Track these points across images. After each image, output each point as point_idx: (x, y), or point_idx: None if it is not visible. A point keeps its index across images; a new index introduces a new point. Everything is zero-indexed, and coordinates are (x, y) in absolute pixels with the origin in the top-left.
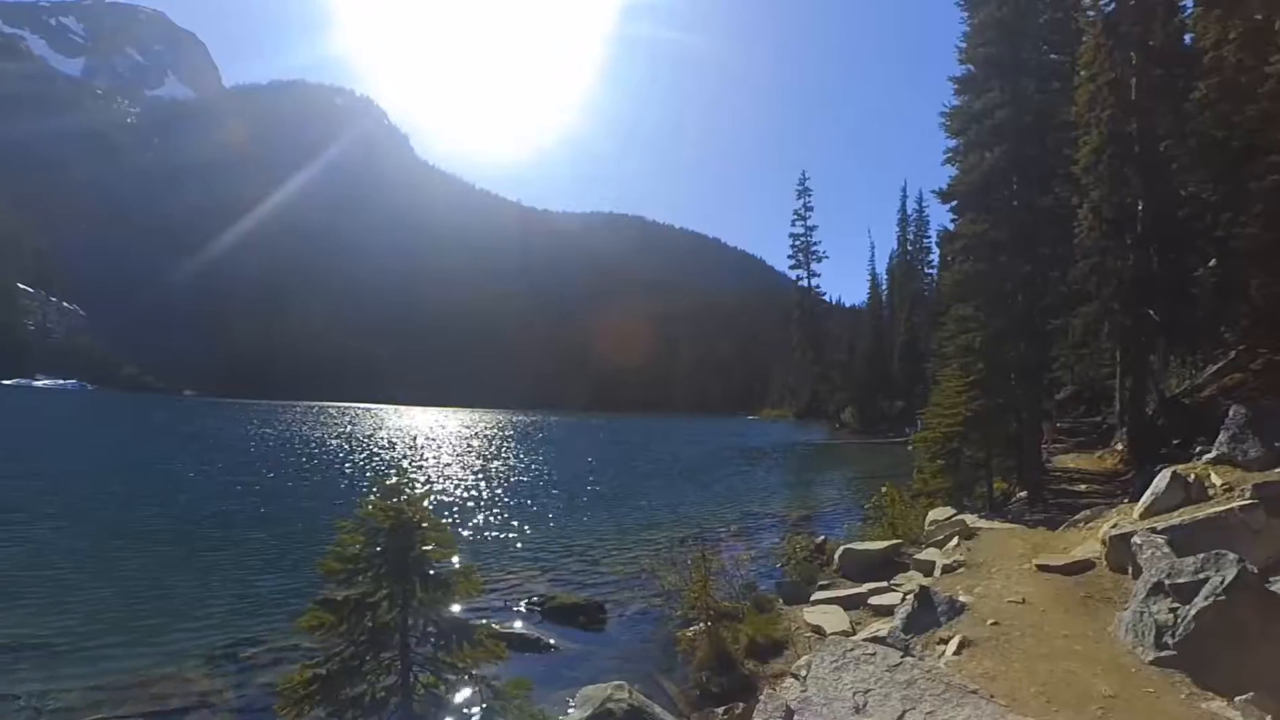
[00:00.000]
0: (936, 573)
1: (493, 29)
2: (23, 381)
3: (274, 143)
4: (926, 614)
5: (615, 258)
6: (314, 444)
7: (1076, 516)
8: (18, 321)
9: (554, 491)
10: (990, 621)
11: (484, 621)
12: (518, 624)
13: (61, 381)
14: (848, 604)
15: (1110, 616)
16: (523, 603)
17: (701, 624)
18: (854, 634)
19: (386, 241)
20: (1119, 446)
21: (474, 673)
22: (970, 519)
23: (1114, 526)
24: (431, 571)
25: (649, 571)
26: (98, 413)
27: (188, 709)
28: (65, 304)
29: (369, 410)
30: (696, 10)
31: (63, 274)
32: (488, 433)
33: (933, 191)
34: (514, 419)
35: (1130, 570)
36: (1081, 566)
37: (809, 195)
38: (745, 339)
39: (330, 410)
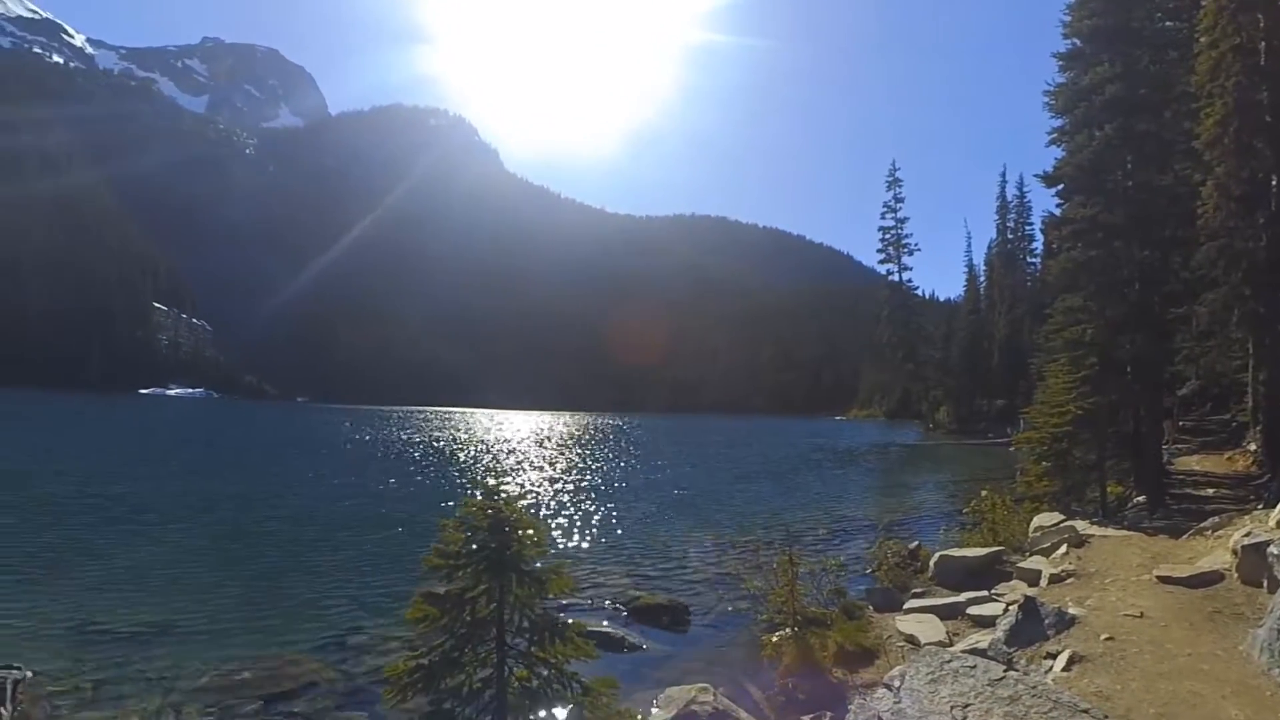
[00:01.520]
0: (1043, 582)
1: (572, 43)
2: (158, 390)
3: (375, 164)
4: (1032, 626)
5: (696, 259)
6: (414, 447)
7: (1203, 524)
8: (153, 337)
9: (637, 493)
10: (1104, 636)
11: (574, 620)
12: (603, 622)
13: (190, 390)
14: (944, 613)
15: (1242, 634)
16: (607, 602)
17: (788, 629)
18: (951, 645)
19: (476, 252)
20: (1252, 447)
21: (565, 668)
22: (1081, 525)
23: (1247, 535)
24: (526, 568)
25: (734, 574)
26: (222, 419)
27: (299, 691)
28: (194, 320)
29: (461, 414)
30: (769, 13)
31: (191, 293)
32: (572, 435)
33: (1036, 175)
34: (597, 421)
35: (1266, 583)
36: (1209, 578)
37: (899, 186)
38: (831, 337)
39: (426, 414)
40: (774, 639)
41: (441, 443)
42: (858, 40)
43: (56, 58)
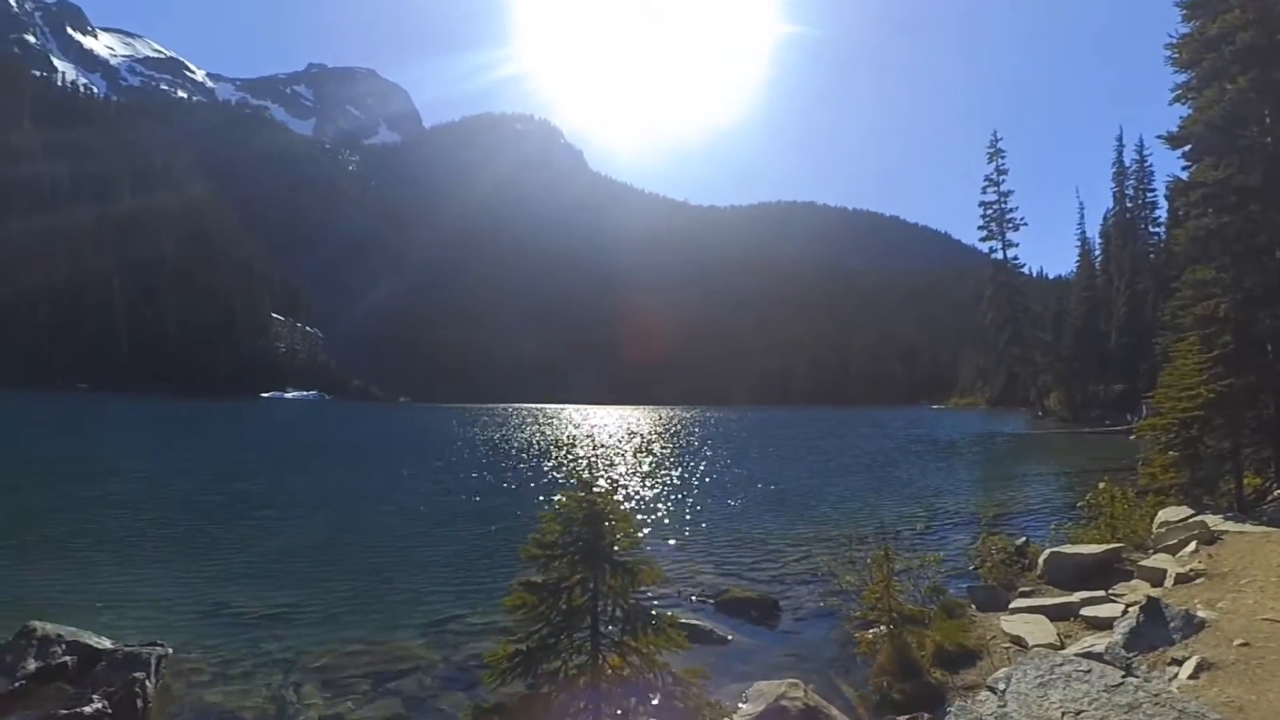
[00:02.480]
0: (1168, 582)
1: (651, 38)
2: (277, 394)
3: (467, 171)
4: (1155, 629)
5: (781, 247)
6: (509, 444)
7: None
8: (272, 345)
9: (725, 486)
10: (1238, 642)
11: (665, 611)
12: (690, 615)
13: (305, 393)
14: (1054, 614)
15: None
16: (695, 594)
17: (883, 626)
18: (1062, 648)
19: (563, 251)
20: None
21: (656, 658)
22: (1213, 520)
23: None
24: (619, 560)
25: (825, 569)
26: (333, 420)
27: (405, 672)
28: (307, 328)
29: (552, 410)
30: None
31: (305, 303)
32: (658, 429)
33: (1158, 136)
34: (682, 414)
35: None
36: None
37: (1002, 158)
38: (929, 321)
39: (520, 411)
40: (868, 636)
41: (535, 439)
42: (946, 3)
43: (181, 92)
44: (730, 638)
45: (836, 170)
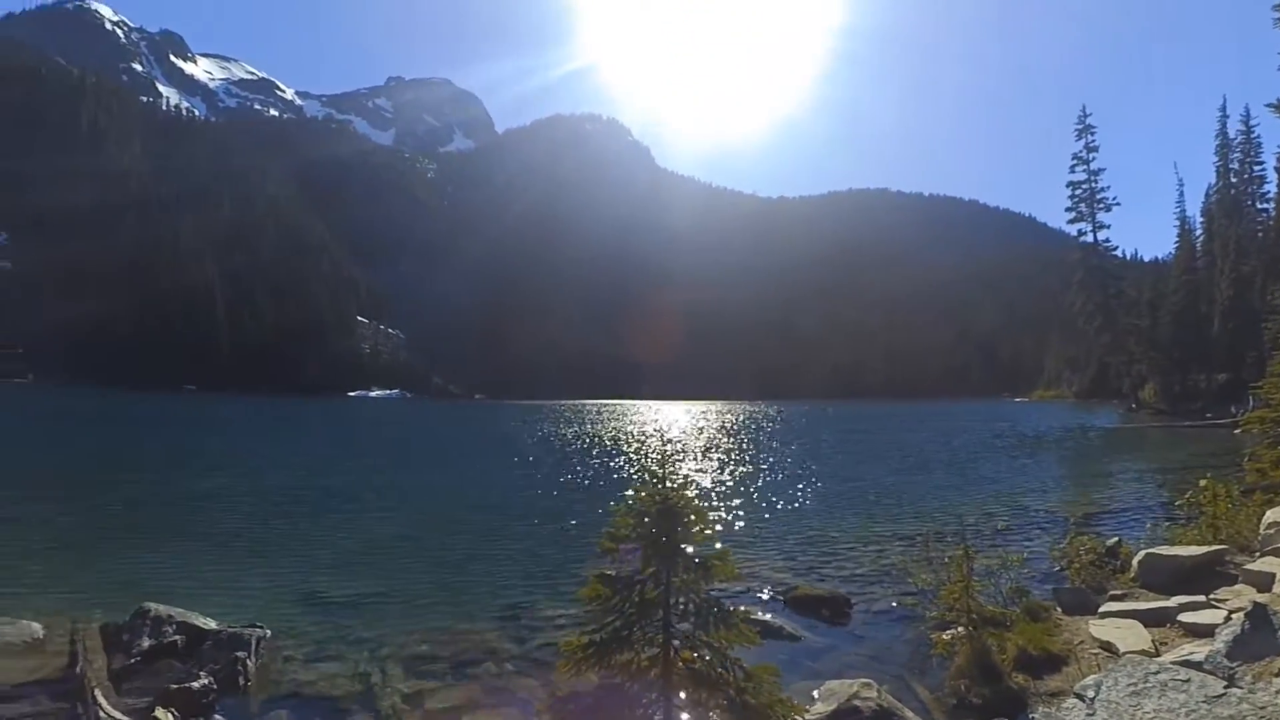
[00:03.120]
0: (1277, 588)
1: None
2: (362, 393)
3: (538, 173)
4: (1262, 638)
5: (852, 236)
6: (581, 440)
7: None
8: (357, 346)
9: (795, 481)
10: None
11: (738, 606)
12: (760, 611)
13: (388, 392)
14: (1149, 619)
15: None
16: (764, 590)
17: (961, 628)
18: (1157, 655)
19: (632, 248)
20: None
21: (727, 653)
22: None
23: None
24: (692, 554)
25: (900, 568)
26: (413, 417)
27: (481, 659)
28: (389, 330)
29: (623, 406)
30: None
31: (387, 305)
32: (728, 424)
33: (1267, 105)
34: (752, 409)
35: None
36: None
37: (1091, 134)
38: (1011, 310)
39: (590, 407)
40: (944, 638)
41: (605, 435)
42: None
43: (272, 111)
44: (801, 635)
45: (911, 156)
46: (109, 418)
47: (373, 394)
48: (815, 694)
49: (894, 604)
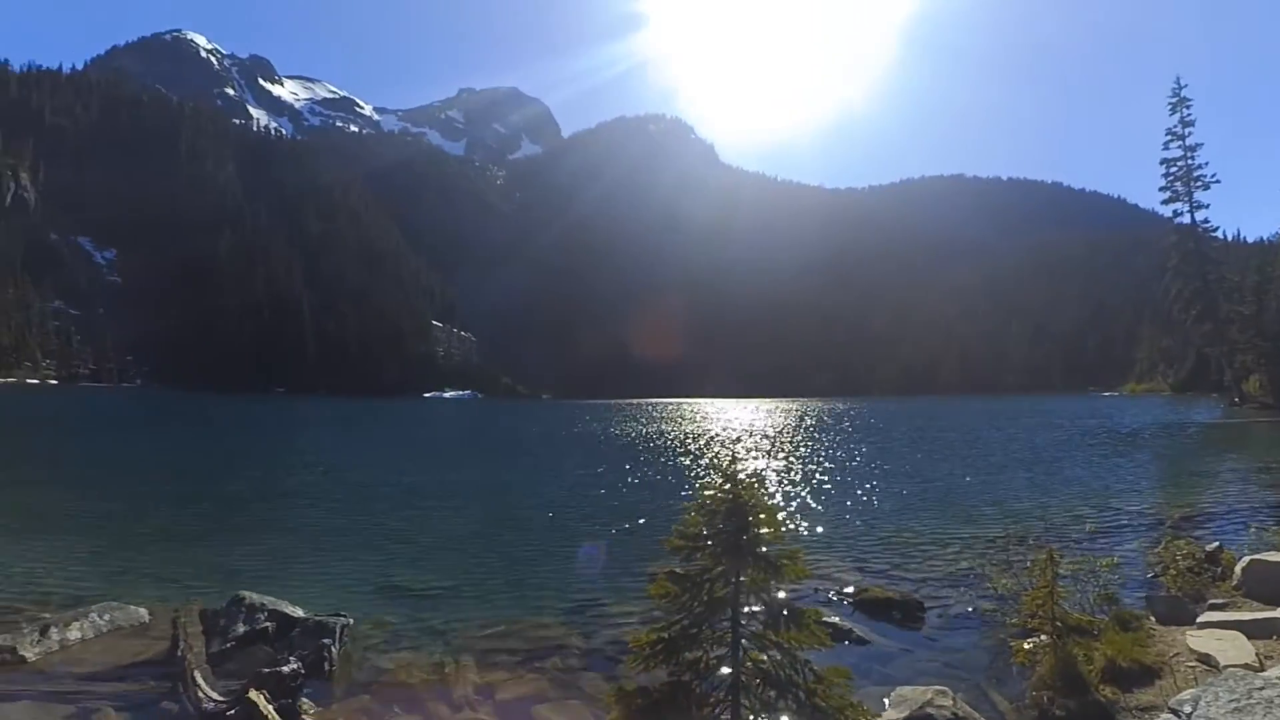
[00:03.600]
0: None
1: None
2: (436, 394)
3: (604, 175)
4: None
5: (926, 225)
6: (648, 439)
7: None
8: (432, 350)
9: (867, 481)
10: None
11: (810, 607)
12: (829, 613)
13: (461, 393)
14: (1253, 631)
15: None
16: (833, 592)
17: (1044, 636)
18: (1262, 669)
19: (696, 246)
20: None
21: (797, 654)
22: None
23: None
24: (762, 553)
25: (978, 572)
26: (484, 417)
27: (549, 652)
28: (462, 333)
29: (688, 404)
30: None
31: (459, 309)
32: (797, 422)
33: None
34: (822, 407)
35: None
36: None
37: (1187, 107)
38: (1099, 299)
39: (656, 406)
40: (1026, 646)
41: (671, 434)
42: None
43: (353, 127)
44: (870, 639)
45: (988, 140)
46: (207, 419)
47: (446, 395)
48: (886, 700)
49: (971, 609)
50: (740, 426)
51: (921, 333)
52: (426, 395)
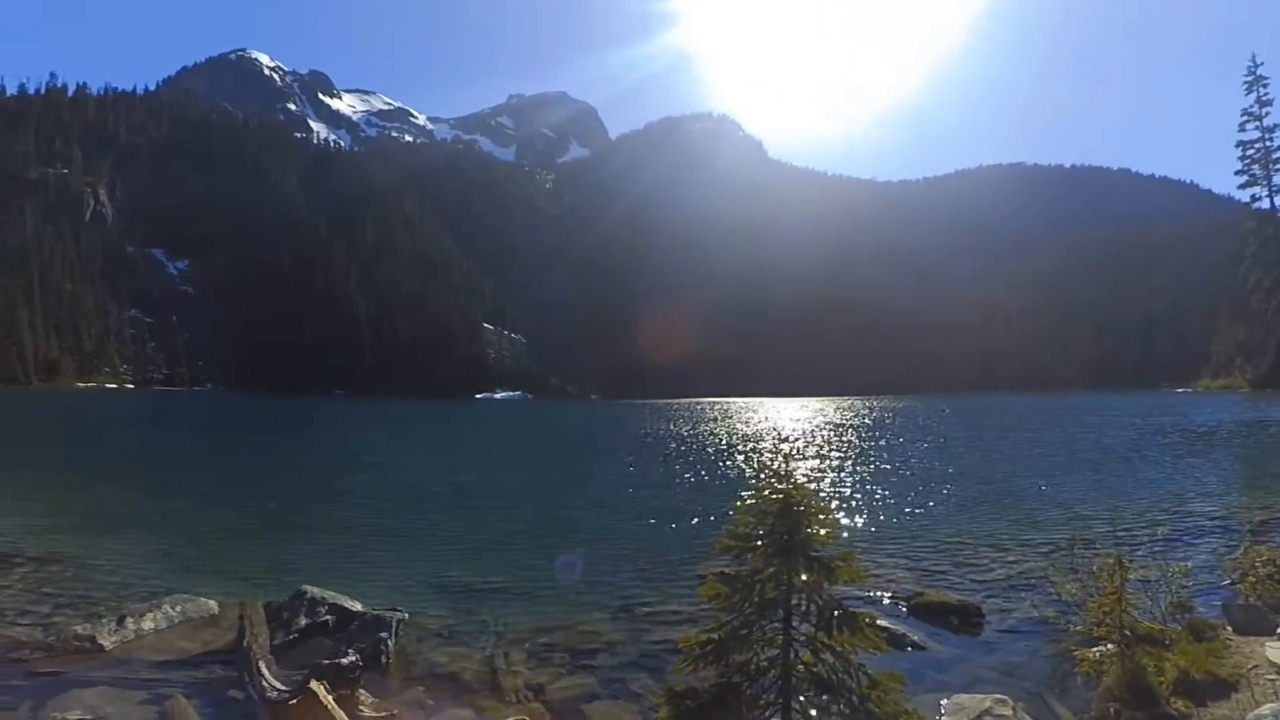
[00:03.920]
0: None
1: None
2: (488, 395)
3: (651, 176)
4: None
5: (988, 216)
6: (698, 439)
7: None
8: (484, 352)
9: (923, 481)
10: None
11: (864, 610)
12: (880, 617)
13: (511, 393)
14: None
15: None
16: (886, 595)
17: (1111, 645)
18: None
19: (746, 244)
20: None
21: (851, 657)
22: None
23: None
24: (814, 554)
25: (1040, 577)
26: (534, 417)
27: (597, 650)
28: (512, 335)
29: (738, 404)
30: None
31: (509, 312)
32: (850, 421)
33: None
34: (876, 405)
35: None
36: None
37: (1264, 86)
38: (1170, 289)
39: (706, 405)
40: (1092, 655)
41: (719, 433)
42: None
43: (407, 137)
44: (926, 645)
45: (1049, 127)
46: (270, 421)
47: (497, 396)
48: (942, 707)
49: (1032, 615)
50: (790, 426)
51: (978, 327)
52: (478, 396)
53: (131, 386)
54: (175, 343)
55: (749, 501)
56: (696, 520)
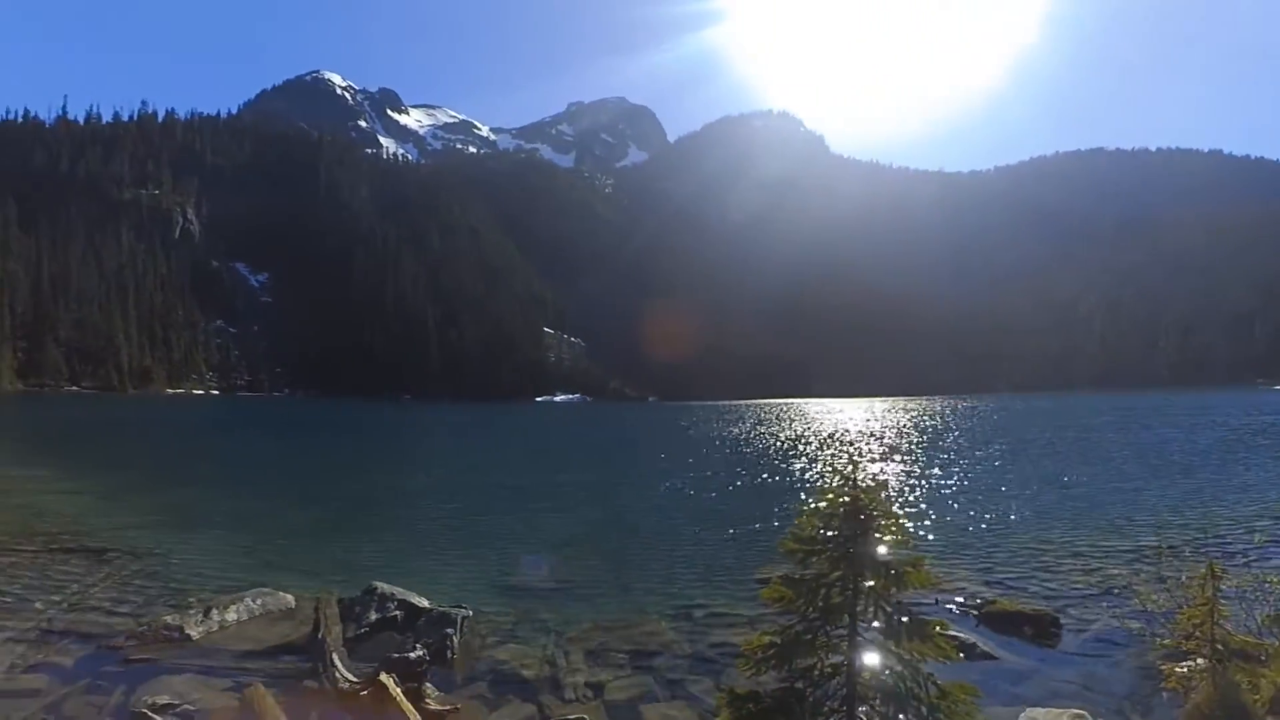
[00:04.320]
0: None
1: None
2: (548, 398)
3: (710, 178)
4: None
5: (1066, 205)
6: (756, 441)
7: None
8: (544, 355)
9: (998, 486)
10: None
11: (935, 617)
12: (951, 625)
13: (571, 396)
14: None
15: None
16: (955, 602)
17: (1201, 660)
18: None
19: (805, 242)
20: None
21: (919, 666)
22: None
23: None
24: (882, 559)
25: (1122, 586)
26: (593, 420)
27: (656, 651)
28: (572, 339)
29: (796, 405)
30: None
31: (569, 316)
32: (916, 423)
33: None
34: (943, 406)
35: None
36: None
37: None
38: (1267, 279)
39: (764, 407)
40: (1180, 670)
41: (780, 435)
42: None
43: (471, 148)
44: (998, 655)
45: (1132, 107)
46: (342, 424)
47: (557, 399)
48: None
49: (1114, 627)
50: (854, 427)
51: (1057, 322)
52: (538, 399)
53: (216, 392)
54: (256, 351)
55: (815, 504)
56: (756, 524)
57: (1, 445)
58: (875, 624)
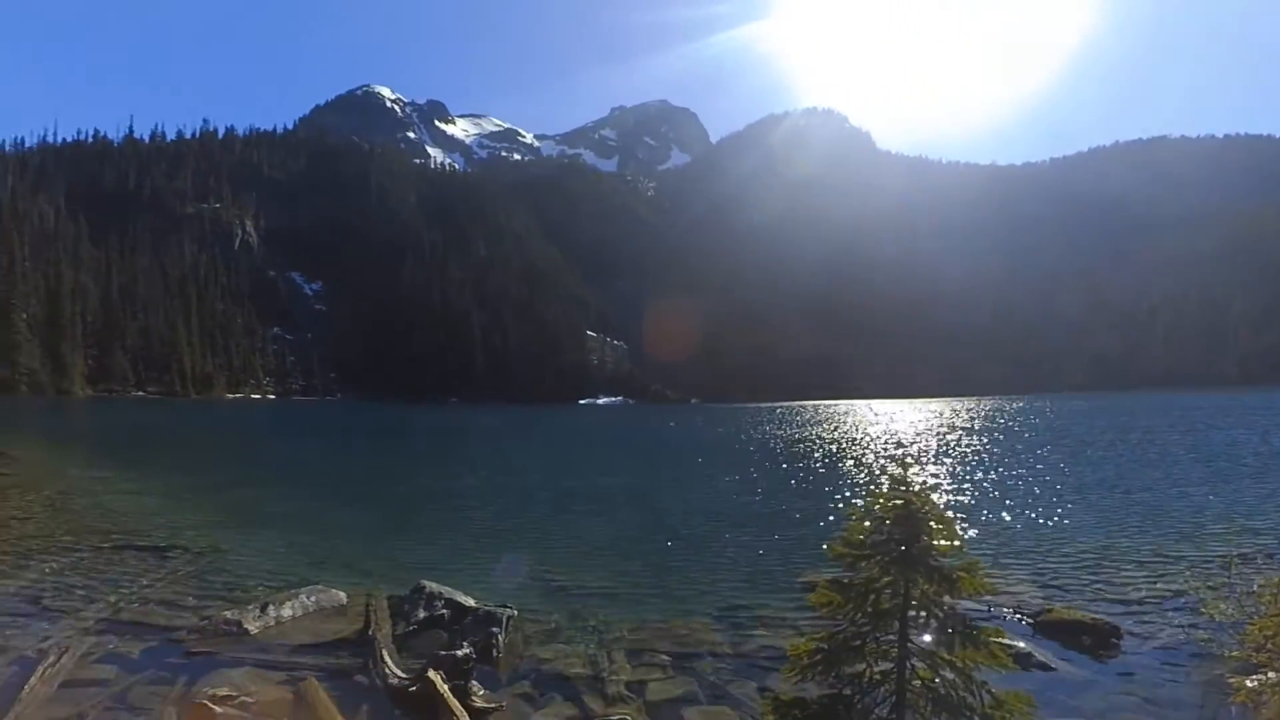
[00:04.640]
0: None
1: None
2: (591, 400)
3: (753, 177)
4: None
5: (1127, 196)
6: (800, 441)
7: None
8: (586, 359)
9: (1055, 489)
10: None
11: (989, 625)
12: (1004, 633)
13: (613, 399)
14: None
15: None
16: (1009, 610)
17: (1273, 673)
18: None
19: (850, 240)
20: None
21: (972, 674)
22: None
23: None
24: (935, 564)
25: (1188, 595)
26: (634, 422)
27: (699, 655)
28: (614, 342)
29: (843, 406)
30: None
31: (612, 320)
32: (968, 423)
33: None
34: (996, 406)
35: None
36: None
37: None
38: None
39: (806, 408)
40: (1249, 684)
41: (826, 438)
42: None
43: (516, 155)
44: (1053, 665)
45: (1198, 92)
46: (391, 427)
47: (600, 401)
48: None
49: (1178, 637)
50: (903, 429)
51: (1117, 319)
52: (581, 402)
53: (274, 397)
54: (311, 357)
55: (865, 507)
56: (801, 527)
57: (70, 448)
58: (927, 631)
